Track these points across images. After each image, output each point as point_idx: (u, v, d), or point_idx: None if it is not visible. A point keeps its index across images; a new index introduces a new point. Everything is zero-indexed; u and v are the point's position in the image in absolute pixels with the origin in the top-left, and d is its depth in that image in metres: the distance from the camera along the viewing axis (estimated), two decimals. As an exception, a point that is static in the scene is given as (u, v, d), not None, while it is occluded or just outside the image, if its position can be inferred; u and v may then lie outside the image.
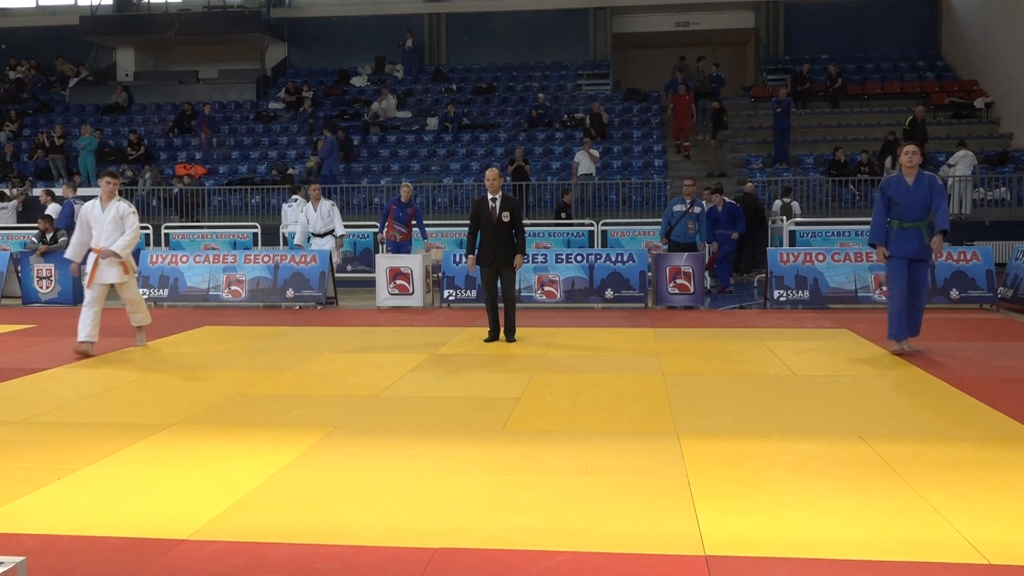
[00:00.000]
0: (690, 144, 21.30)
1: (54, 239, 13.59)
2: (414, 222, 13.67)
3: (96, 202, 8.91)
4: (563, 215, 17.52)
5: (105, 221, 8.81)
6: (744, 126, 22.77)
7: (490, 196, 9.21)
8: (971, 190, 17.99)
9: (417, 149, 22.28)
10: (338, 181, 20.18)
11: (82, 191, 20.21)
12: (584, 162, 19.31)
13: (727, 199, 14.44)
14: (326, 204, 13.44)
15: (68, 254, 9.07)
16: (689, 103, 21.04)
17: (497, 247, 9.17)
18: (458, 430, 5.69)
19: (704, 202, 13.29)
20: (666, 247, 12.58)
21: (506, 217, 9.14)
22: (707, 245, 12.87)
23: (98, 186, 9.35)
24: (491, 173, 9.23)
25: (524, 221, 9.69)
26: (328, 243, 13.31)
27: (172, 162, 22.43)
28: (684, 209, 12.47)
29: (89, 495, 4.50)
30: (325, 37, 26.93)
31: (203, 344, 9.41)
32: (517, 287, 9.72)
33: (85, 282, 8.98)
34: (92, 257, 8.88)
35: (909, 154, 8.10)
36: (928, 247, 8.09)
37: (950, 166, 18.16)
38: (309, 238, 13.44)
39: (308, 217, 13.31)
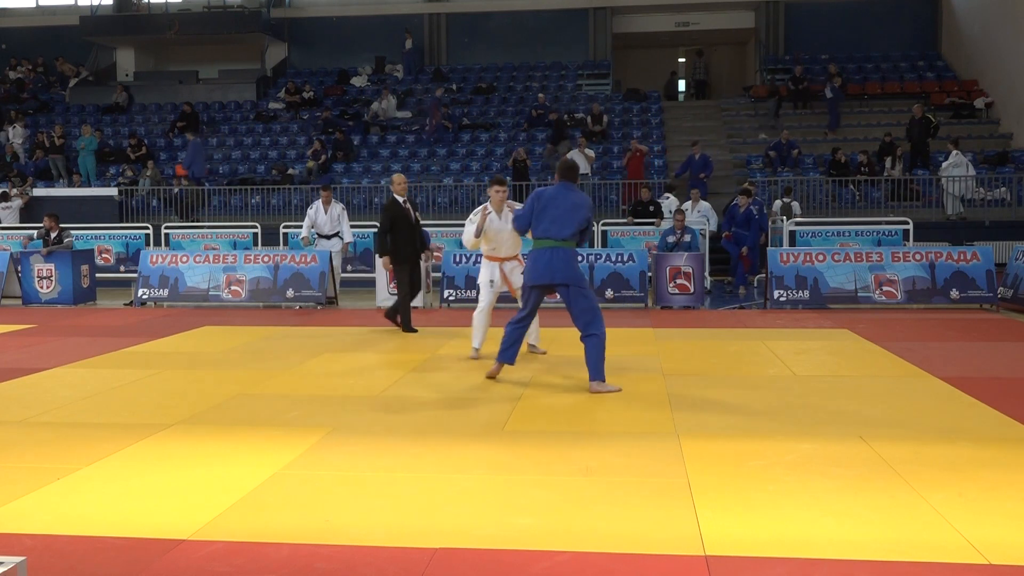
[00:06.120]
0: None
1: (59, 239, 13.58)
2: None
3: None
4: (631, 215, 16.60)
5: None
6: (744, 126, 22.75)
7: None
8: (962, 190, 17.92)
9: (417, 149, 22.27)
10: (201, 183, 20.19)
11: (82, 191, 20.29)
12: (578, 160, 19.26)
13: (754, 202, 14.51)
14: (336, 207, 13.47)
15: None
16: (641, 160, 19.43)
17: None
18: (458, 430, 5.69)
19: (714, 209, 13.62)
20: None
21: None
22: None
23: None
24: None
25: None
26: (335, 245, 13.33)
27: (172, 162, 22.40)
28: (675, 240, 12.99)
29: (89, 495, 4.50)
30: (325, 37, 26.92)
31: (203, 344, 9.41)
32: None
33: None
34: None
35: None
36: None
37: (955, 167, 18.10)
38: (315, 238, 13.45)
39: (317, 218, 13.33)
